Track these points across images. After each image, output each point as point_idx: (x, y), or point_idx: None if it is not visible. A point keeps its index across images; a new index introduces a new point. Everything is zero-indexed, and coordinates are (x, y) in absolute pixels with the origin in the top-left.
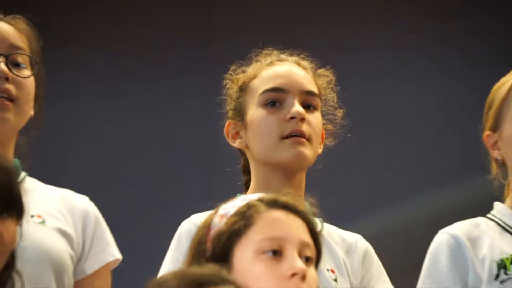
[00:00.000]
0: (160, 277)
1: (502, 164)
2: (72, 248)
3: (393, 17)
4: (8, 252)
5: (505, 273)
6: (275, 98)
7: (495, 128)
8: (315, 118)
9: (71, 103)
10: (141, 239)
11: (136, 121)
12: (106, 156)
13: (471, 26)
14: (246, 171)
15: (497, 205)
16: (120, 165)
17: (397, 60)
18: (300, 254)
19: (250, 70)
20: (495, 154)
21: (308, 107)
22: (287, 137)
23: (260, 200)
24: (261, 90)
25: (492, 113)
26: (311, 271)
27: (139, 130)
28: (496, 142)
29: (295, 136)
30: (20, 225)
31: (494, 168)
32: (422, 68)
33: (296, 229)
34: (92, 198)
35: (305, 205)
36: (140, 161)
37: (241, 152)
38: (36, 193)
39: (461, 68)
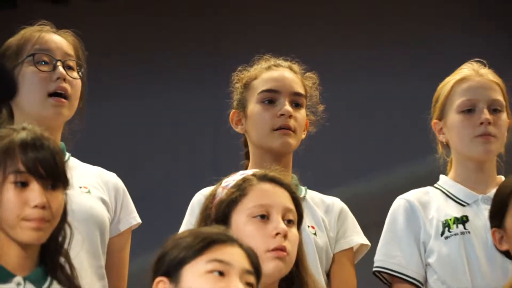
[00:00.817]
0: (178, 234)
1: (446, 146)
2: (109, 212)
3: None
4: (58, 216)
5: (449, 231)
6: (270, 97)
7: (441, 117)
8: (300, 114)
9: (105, 99)
10: (163, 208)
11: (160, 110)
12: (132, 139)
13: None
14: (246, 145)
15: (442, 177)
16: (146, 147)
17: (366, 59)
18: (283, 218)
19: (252, 71)
20: (440, 138)
21: (296, 105)
22: (277, 129)
23: (253, 175)
24: (260, 90)
25: (438, 105)
26: (292, 231)
27: (162, 117)
28: (441, 128)
29: (283, 129)
30: (66, 194)
31: (440, 149)
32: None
33: (280, 198)
34: (118, 174)
35: (292, 178)
36: (162, 143)
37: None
38: (79, 170)
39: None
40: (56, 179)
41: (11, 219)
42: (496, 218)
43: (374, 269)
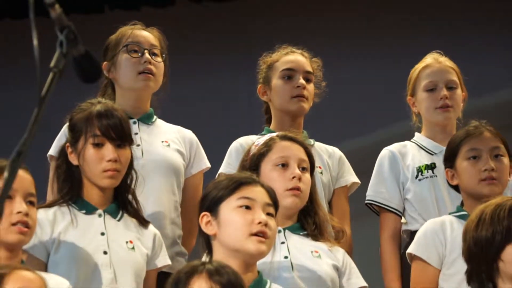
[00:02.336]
0: (217, 179)
1: (418, 114)
2: (184, 160)
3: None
4: (126, 166)
5: (421, 175)
6: (288, 74)
7: (413, 94)
8: (310, 87)
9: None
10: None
11: (214, 83)
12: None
13: None
14: (268, 112)
15: (416, 134)
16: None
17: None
18: (298, 166)
19: (274, 56)
20: (414, 109)
21: (307, 80)
22: (295, 97)
23: (277, 136)
24: (281, 69)
25: (410, 86)
26: (306, 175)
27: (216, 89)
28: (414, 102)
29: (299, 96)
30: (131, 150)
31: (414, 117)
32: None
33: (296, 151)
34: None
35: (303, 133)
36: (220, 109)
37: (265, 102)
38: (163, 128)
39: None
40: (123, 139)
41: (92, 171)
42: (449, 161)
43: (366, 201)
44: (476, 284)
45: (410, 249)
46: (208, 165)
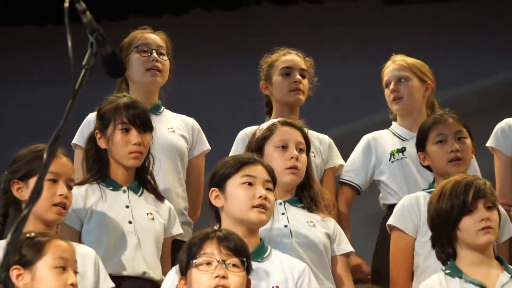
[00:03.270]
0: (224, 159)
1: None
2: (187, 144)
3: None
4: (147, 150)
5: (393, 157)
6: (286, 72)
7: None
8: (305, 82)
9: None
10: (218, 144)
11: (224, 76)
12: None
13: None
14: (268, 105)
15: (393, 123)
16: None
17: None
18: (296, 148)
19: (274, 56)
20: (387, 99)
21: (302, 76)
22: (292, 90)
23: (278, 121)
24: (280, 67)
25: (384, 84)
26: (303, 156)
27: (225, 83)
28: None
29: (296, 90)
30: (152, 136)
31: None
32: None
33: (294, 135)
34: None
35: (299, 122)
36: (228, 104)
37: (266, 96)
38: (169, 117)
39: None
40: (146, 126)
41: (120, 153)
42: (420, 145)
43: (339, 179)
44: (439, 249)
45: (390, 221)
46: (209, 147)
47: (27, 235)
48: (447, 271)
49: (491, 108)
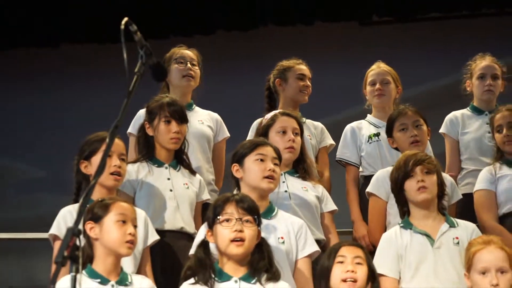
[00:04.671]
0: (242, 142)
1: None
2: (213, 132)
3: None
4: (183, 137)
5: (370, 140)
6: (301, 77)
7: (364, 87)
8: (310, 85)
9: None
10: (236, 132)
11: (240, 81)
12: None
13: None
14: (270, 99)
15: (368, 115)
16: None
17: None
18: (293, 132)
19: (290, 63)
20: (366, 96)
21: (309, 80)
22: (302, 92)
23: (279, 112)
24: (297, 73)
25: (364, 82)
26: (298, 138)
27: (240, 86)
28: (366, 92)
29: (305, 92)
30: (187, 126)
31: (368, 103)
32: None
33: (291, 122)
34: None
35: (299, 114)
36: (239, 101)
37: (276, 92)
38: (199, 113)
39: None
40: (182, 119)
41: (163, 139)
42: (388, 132)
43: (336, 159)
44: (399, 207)
45: (368, 189)
46: (228, 134)
47: (99, 199)
48: (401, 225)
49: (441, 104)
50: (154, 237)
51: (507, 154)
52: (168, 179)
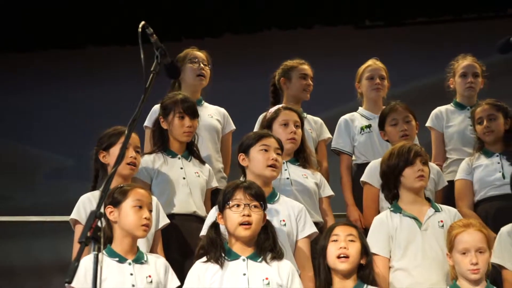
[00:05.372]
0: (248, 134)
1: (361, 95)
2: (220, 125)
3: None
4: (195, 131)
5: (363, 131)
6: (303, 76)
7: (359, 81)
8: (312, 83)
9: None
10: (242, 124)
11: (245, 80)
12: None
13: None
14: (275, 94)
15: (360, 108)
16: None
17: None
18: (294, 125)
19: (294, 63)
20: (359, 91)
21: (311, 79)
22: (305, 90)
23: (281, 107)
24: (300, 72)
25: (358, 75)
26: (299, 130)
27: (245, 84)
28: (359, 87)
29: (307, 90)
30: (198, 120)
31: (359, 96)
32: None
33: (293, 116)
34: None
35: (301, 109)
36: (244, 98)
37: (281, 89)
38: (208, 107)
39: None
40: (195, 115)
41: (178, 132)
42: (381, 126)
43: (331, 148)
44: (387, 192)
45: (362, 178)
46: (234, 127)
47: (118, 186)
48: (392, 209)
49: (426, 100)
50: (165, 220)
51: (486, 144)
52: (181, 168)
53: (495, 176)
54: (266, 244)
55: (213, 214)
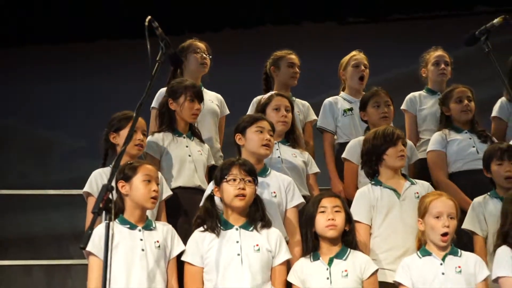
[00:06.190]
0: (244, 116)
1: (344, 81)
2: (218, 109)
3: None
4: (198, 115)
5: (345, 113)
6: (291, 65)
7: (344, 69)
8: (299, 70)
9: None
10: (235, 108)
11: (241, 69)
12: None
13: None
14: (266, 82)
15: (342, 92)
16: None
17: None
18: (285, 109)
19: (283, 53)
20: (343, 78)
21: (298, 68)
22: (292, 77)
23: (274, 93)
24: (288, 61)
25: (343, 65)
26: (289, 114)
27: (241, 74)
28: (343, 74)
29: (295, 77)
30: (202, 105)
31: (343, 82)
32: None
33: (284, 101)
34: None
35: (290, 94)
36: (239, 86)
37: (271, 77)
38: (208, 93)
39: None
40: (201, 99)
41: (187, 114)
42: (362, 107)
43: (317, 127)
44: (367, 168)
45: (344, 155)
46: (228, 112)
47: (128, 162)
48: (373, 183)
49: (402, 86)
50: (167, 192)
51: (455, 122)
52: (187, 146)
53: (470, 151)
54: (256, 215)
55: (210, 188)
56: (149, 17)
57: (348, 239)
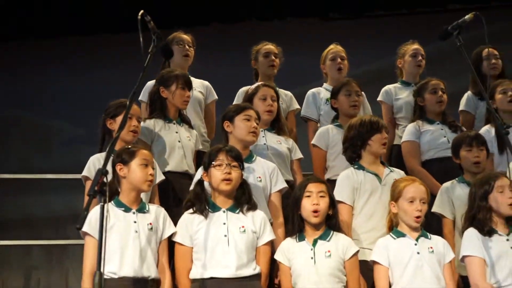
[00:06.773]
0: (233, 104)
1: (326, 73)
2: (204, 96)
3: None
4: (188, 102)
5: (327, 101)
6: (267, 55)
7: (324, 63)
8: (277, 61)
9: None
10: (224, 98)
11: (227, 60)
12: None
13: None
14: (256, 75)
15: (324, 84)
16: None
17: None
18: (271, 99)
19: (259, 46)
20: (324, 71)
21: (275, 57)
22: (270, 66)
23: (261, 84)
24: (263, 52)
25: (323, 59)
26: (275, 103)
27: (228, 64)
28: (324, 67)
29: (272, 66)
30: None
31: (324, 75)
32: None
33: (270, 91)
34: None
35: (274, 84)
36: (226, 76)
37: (255, 69)
38: (195, 81)
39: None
40: (190, 87)
41: (178, 101)
42: (333, 95)
43: (300, 116)
44: (350, 153)
45: (313, 141)
46: (216, 97)
47: (126, 147)
48: (355, 167)
49: (378, 78)
50: (160, 177)
51: (428, 113)
52: (176, 132)
53: (441, 140)
54: (242, 198)
55: (199, 173)
56: (142, 11)
57: (331, 223)
